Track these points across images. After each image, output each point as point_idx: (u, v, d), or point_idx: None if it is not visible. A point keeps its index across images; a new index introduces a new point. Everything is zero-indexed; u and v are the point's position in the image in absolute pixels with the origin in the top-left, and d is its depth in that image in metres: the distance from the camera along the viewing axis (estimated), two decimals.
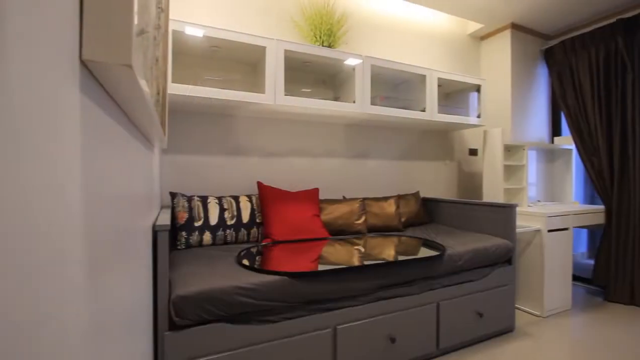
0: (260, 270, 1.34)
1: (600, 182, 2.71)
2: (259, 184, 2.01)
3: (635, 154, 2.51)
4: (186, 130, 2.02)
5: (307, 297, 1.36)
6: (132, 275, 0.69)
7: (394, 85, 2.68)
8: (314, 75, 2.37)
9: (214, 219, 1.80)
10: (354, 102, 2.10)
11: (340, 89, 2.34)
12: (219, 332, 1.20)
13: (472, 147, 3.20)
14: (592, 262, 3.38)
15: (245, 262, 1.44)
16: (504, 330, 2.03)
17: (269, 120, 2.26)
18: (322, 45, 2.22)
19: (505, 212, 2.05)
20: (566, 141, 2.99)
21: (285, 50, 1.90)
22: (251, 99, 1.80)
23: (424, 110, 2.37)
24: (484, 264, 1.90)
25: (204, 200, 1.83)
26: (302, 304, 1.37)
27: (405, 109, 2.35)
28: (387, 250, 1.73)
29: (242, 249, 1.68)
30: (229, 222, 1.83)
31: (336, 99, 2.37)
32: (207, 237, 1.76)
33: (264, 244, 1.84)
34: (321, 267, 1.42)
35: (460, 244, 1.87)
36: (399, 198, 2.54)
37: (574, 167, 3.01)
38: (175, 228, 1.72)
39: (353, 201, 2.25)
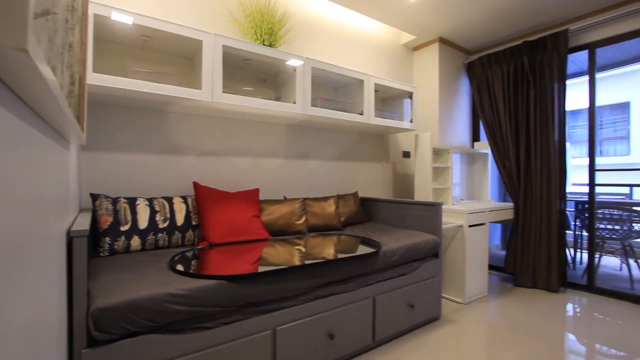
0: (195, 275, 1.28)
1: (511, 182, 3.09)
2: (195, 185, 1.91)
3: (536, 158, 2.92)
4: (112, 125, 1.84)
5: (245, 300, 1.33)
6: (36, 288, 0.61)
7: (333, 88, 2.75)
8: (254, 73, 2.33)
9: (143, 223, 1.66)
10: (295, 102, 2.11)
11: (282, 89, 2.33)
12: (148, 344, 1.11)
13: (406, 149, 3.42)
14: (504, 252, 3.85)
15: (179, 267, 1.36)
16: (432, 318, 2.20)
17: (207, 118, 2.16)
18: (263, 44, 2.18)
19: (433, 210, 2.23)
20: (484, 146, 3.36)
21: (224, 46, 1.84)
22: (186, 95, 1.71)
23: (361, 114, 2.47)
24: (415, 258, 2.04)
25: (131, 202, 1.68)
26: (240, 308, 1.34)
27: (344, 111, 2.42)
28: (327, 249, 1.77)
29: (176, 254, 1.58)
30: (161, 226, 1.71)
31: (277, 98, 2.35)
32: (136, 242, 1.62)
33: (200, 247, 1.75)
34: (261, 269, 1.40)
35: (394, 241, 1.98)
36: (339, 198, 2.61)
37: (490, 169, 3.40)
38: (97, 233, 1.56)
39: (294, 201, 2.25)
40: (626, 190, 5.52)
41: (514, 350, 1.87)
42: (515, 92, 3.06)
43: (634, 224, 3.08)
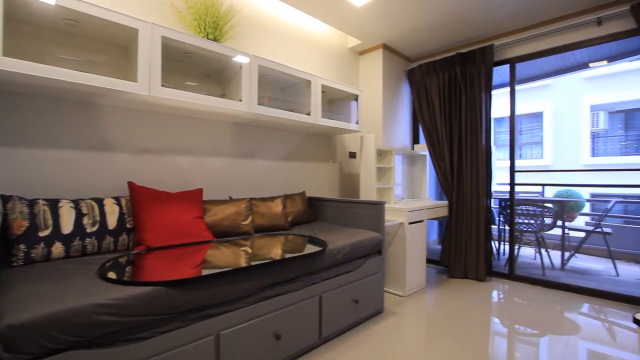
0: (128, 282, 1.18)
1: (445, 182, 3.35)
2: (130, 184, 1.77)
3: (467, 160, 3.20)
4: (30, 117, 1.62)
5: (186, 306, 1.27)
6: None
7: (281, 87, 2.74)
8: (197, 68, 2.23)
9: (67, 227, 1.50)
10: (241, 100, 2.06)
11: (227, 86, 2.26)
12: None
13: (352, 150, 3.53)
14: (440, 247, 4.16)
15: (111, 274, 1.25)
16: (376, 312, 2.30)
17: (145, 113, 2.01)
18: (207, 38, 2.10)
19: (376, 209, 2.34)
20: (423, 148, 3.60)
21: (164, 37, 1.73)
22: (119, 87, 1.57)
23: (309, 114, 2.50)
24: (360, 255, 2.12)
25: (53, 204, 1.51)
26: (181, 314, 1.27)
27: (292, 111, 2.43)
28: (274, 250, 1.76)
29: (107, 260, 1.45)
30: (90, 230, 1.56)
31: (222, 95, 2.28)
32: (58, 248, 1.45)
33: (136, 252, 1.63)
34: (205, 272, 1.34)
35: (339, 239, 2.04)
36: (286, 198, 2.61)
37: (428, 170, 3.65)
38: (9, 240, 1.37)
39: (240, 202, 2.20)
40: (539, 189, 6.31)
41: (448, 336, 2.03)
42: (449, 99, 3.33)
43: (545, 219, 3.53)
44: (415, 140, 3.87)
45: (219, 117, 2.27)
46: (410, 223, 2.72)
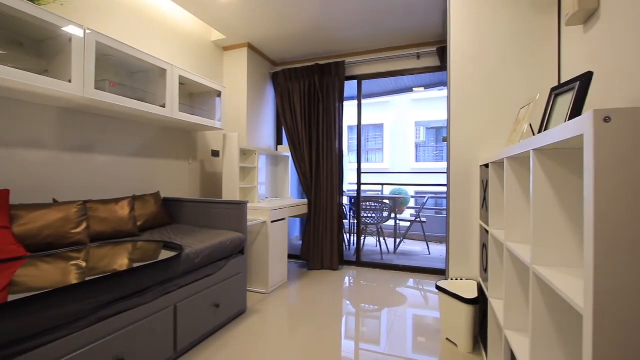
0: None
1: (306, 181, 3.61)
2: None
3: (324, 162, 3.53)
4: None
5: None
6: None
7: (128, 72, 2.38)
8: (3, 32, 1.70)
9: None
10: (70, 81, 1.68)
11: (52, 62, 1.81)
12: None
13: (215, 148, 3.38)
14: (300, 242, 4.44)
15: None
16: (238, 313, 2.28)
17: None
18: None
19: (239, 209, 2.31)
20: (285, 149, 3.76)
21: None
22: None
23: (164, 106, 2.26)
24: (221, 257, 2.05)
25: None
26: None
27: (142, 101, 2.14)
28: (117, 260, 1.51)
29: None
30: None
31: (45, 72, 1.81)
32: None
33: None
34: (11, 298, 1.03)
35: (198, 242, 1.92)
36: (135, 199, 2.28)
37: (290, 170, 3.84)
38: None
39: (69, 205, 1.80)
40: (380, 187, 7.54)
41: (308, 323, 2.19)
42: (309, 105, 3.59)
43: (383, 212, 4.25)
44: (279, 141, 4.01)
45: (39, 100, 1.80)
46: (273, 221, 2.81)
